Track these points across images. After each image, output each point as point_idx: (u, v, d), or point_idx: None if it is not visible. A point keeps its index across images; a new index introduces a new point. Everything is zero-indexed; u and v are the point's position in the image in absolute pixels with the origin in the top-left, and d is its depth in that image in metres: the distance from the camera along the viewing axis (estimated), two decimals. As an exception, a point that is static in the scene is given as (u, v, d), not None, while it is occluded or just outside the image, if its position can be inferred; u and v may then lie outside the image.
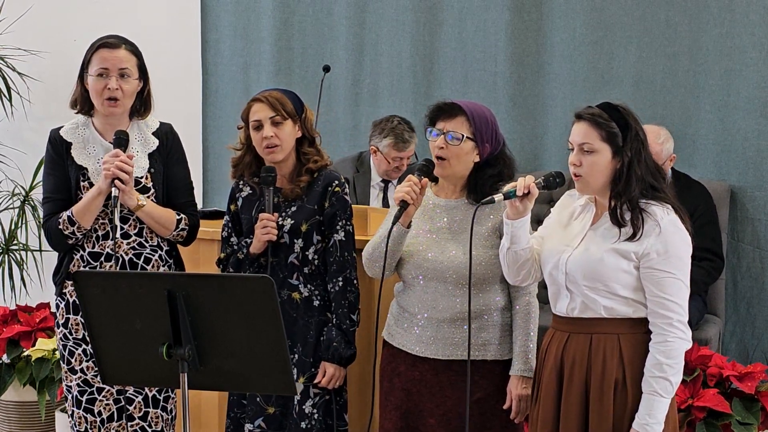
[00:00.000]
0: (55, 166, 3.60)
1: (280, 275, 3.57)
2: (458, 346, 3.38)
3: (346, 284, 3.57)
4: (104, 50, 3.53)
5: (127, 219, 3.57)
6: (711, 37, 5.20)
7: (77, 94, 3.61)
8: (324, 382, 3.55)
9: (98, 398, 3.58)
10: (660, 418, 2.97)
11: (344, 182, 3.64)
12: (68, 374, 3.62)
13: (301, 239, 3.56)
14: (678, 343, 2.98)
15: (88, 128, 3.62)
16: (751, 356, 5.12)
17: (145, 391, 3.60)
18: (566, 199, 3.25)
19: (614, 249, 3.02)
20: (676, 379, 2.99)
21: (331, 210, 3.58)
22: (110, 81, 3.50)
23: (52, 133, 3.63)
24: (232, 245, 3.67)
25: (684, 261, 3.00)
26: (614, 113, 3.04)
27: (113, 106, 3.53)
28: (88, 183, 3.56)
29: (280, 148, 3.55)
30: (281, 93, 3.60)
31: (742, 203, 5.17)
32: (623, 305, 3.03)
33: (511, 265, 3.20)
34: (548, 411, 3.14)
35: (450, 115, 3.37)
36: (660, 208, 3.01)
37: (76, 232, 3.52)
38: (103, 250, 3.56)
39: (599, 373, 3.04)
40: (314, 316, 3.58)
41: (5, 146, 6.24)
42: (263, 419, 3.58)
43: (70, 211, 3.52)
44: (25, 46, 6.04)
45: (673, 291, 2.98)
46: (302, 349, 3.58)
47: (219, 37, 6.34)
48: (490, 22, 5.66)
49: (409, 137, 5.33)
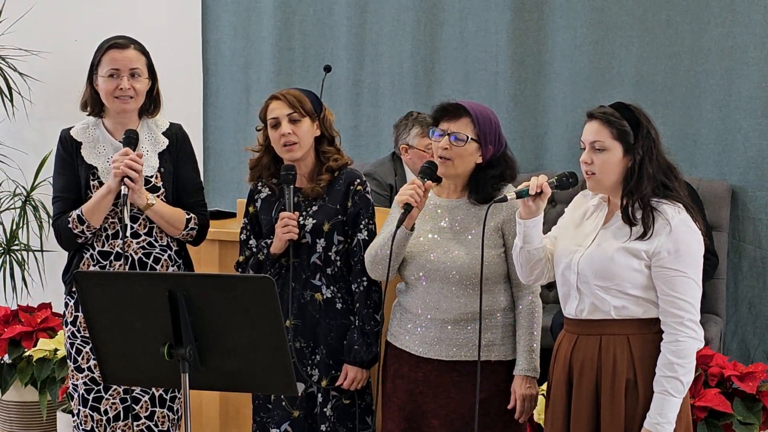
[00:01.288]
0: (65, 165, 3.61)
1: (303, 276, 3.54)
2: (462, 346, 3.37)
3: (371, 284, 3.54)
4: (114, 51, 3.55)
5: (136, 218, 3.58)
6: (712, 37, 5.19)
7: (87, 96, 3.63)
8: (346, 385, 3.54)
9: (105, 397, 3.59)
10: (671, 417, 2.97)
11: (365, 180, 3.63)
12: (74, 373, 3.63)
13: (324, 239, 3.53)
14: (689, 342, 2.98)
15: (99, 128, 3.64)
16: (753, 356, 5.11)
17: (152, 390, 3.60)
18: (579, 198, 3.26)
19: (625, 248, 3.02)
20: (688, 378, 2.98)
21: (354, 209, 3.56)
22: (122, 81, 3.52)
23: (63, 132, 3.64)
24: (251, 248, 3.64)
25: (695, 260, 3.00)
26: (626, 112, 3.05)
27: (125, 102, 3.55)
28: (98, 182, 3.58)
29: (298, 146, 3.53)
30: (300, 91, 3.59)
31: (743, 203, 5.16)
32: (634, 305, 3.03)
33: (524, 264, 3.19)
34: (559, 413, 3.14)
35: (454, 116, 3.37)
36: (671, 207, 3.02)
37: (85, 230, 3.53)
38: (112, 249, 3.58)
39: (610, 375, 3.04)
40: (336, 319, 3.56)
41: (6, 146, 6.24)
42: (289, 423, 3.55)
43: (79, 210, 3.53)
44: (26, 46, 6.04)
45: (685, 290, 2.98)
46: (325, 351, 3.56)
47: (219, 37, 6.33)
48: (491, 22, 5.66)
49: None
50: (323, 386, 3.54)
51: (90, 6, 6.27)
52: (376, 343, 3.56)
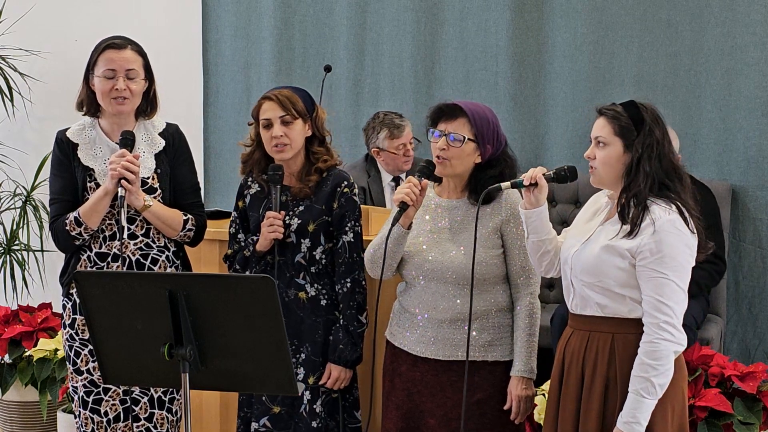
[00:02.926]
0: (62, 167, 3.59)
1: (287, 274, 3.56)
2: (459, 346, 3.37)
3: (355, 285, 3.56)
4: (111, 51, 3.52)
5: (134, 220, 3.57)
6: (712, 37, 5.20)
7: (83, 95, 3.60)
8: (329, 384, 3.55)
9: (105, 398, 3.58)
10: (641, 418, 2.95)
11: (353, 182, 3.64)
12: (74, 375, 3.62)
13: (308, 239, 3.55)
14: (663, 344, 2.95)
15: (95, 129, 3.61)
16: (753, 356, 5.11)
17: (151, 392, 3.60)
18: (596, 196, 3.28)
19: (610, 245, 3.02)
20: (661, 381, 2.96)
21: (340, 211, 3.57)
22: (118, 82, 3.50)
23: (59, 134, 3.62)
24: (240, 242, 3.67)
25: (678, 262, 2.97)
26: (632, 109, 3.06)
27: (121, 104, 3.52)
28: (95, 184, 3.57)
29: (289, 147, 3.54)
30: (292, 91, 3.59)
31: (743, 203, 5.16)
32: (617, 303, 3.03)
33: (533, 254, 3.23)
34: (551, 406, 3.17)
35: (451, 116, 3.37)
36: (662, 207, 3.00)
37: (83, 233, 3.52)
38: (110, 250, 3.56)
39: (590, 371, 3.06)
40: (322, 316, 3.58)
41: (6, 146, 6.24)
42: (268, 418, 3.58)
43: (76, 212, 3.52)
44: (26, 46, 6.04)
45: (664, 292, 2.96)
46: (311, 348, 3.57)
47: (220, 37, 6.33)
48: (491, 22, 5.66)
49: (401, 122, 5.34)
50: (310, 383, 3.55)
51: (90, 6, 6.28)
52: (360, 343, 3.57)
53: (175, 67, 6.04)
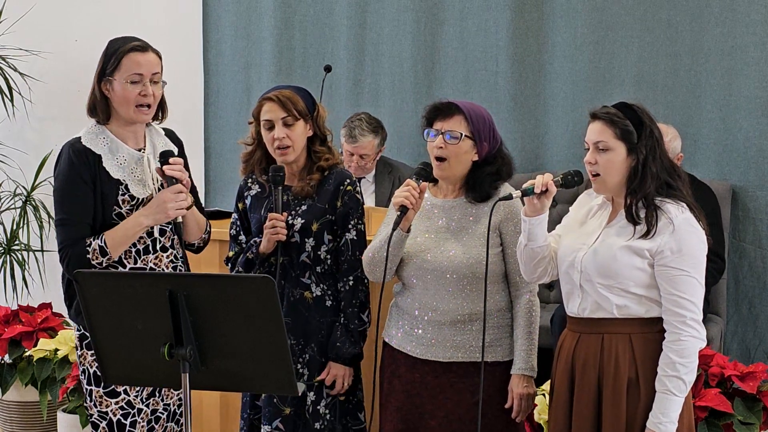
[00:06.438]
0: (79, 185, 3.25)
1: (292, 274, 3.55)
2: (458, 348, 3.37)
3: (357, 283, 3.56)
4: (137, 54, 3.27)
5: (164, 231, 3.37)
6: (712, 37, 5.20)
7: (96, 100, 3.31)
8: (328, 381, 3.55)
9: (138, 420, 3.36)
10: (673, 417, 2.97)
11: (355, 181, 3.63)
12: (104, 399, 3.32)
13: (312, 238, 3.54)
14: (691, 341, 2.98)
15: (107, 136, 3.33)
16: (753, 356, 5.12)
17: (172, 407, 3.43)
18: (584, 197, 3.27)
19: (628, 246, 3.02)
20: (690, 377, 2.99)
21: (343, 209, 3.56)
22: (146, 88, 3.26)
23: (75, 146, 3.28)
24: (241, 243, 3.66)
25: (698, 259, 3.01)
26: (628, 111, 3.06)
27: (145, 113, 3.29)
28: (129, 197, 3.30)
29: (291, 149, 3.53)
30: (293, 92, 3.56)
31: (743, 203, 5.17)
32: (636, 304, 3.04)
33: (528, 262, 3.20)
34: (561, 413, 3.15)
35: (447, 114, 3.37)
36: (675, 206, 3.02)
37: (104, 263, 3.25)
38: (146, 265, 3.33)
39: (611, 374, 3.04)
40: (327, 317, 3.57)
41: (7, 146, 6.24)
42: (281, 420, 3.55)
43: (101, 241, 3.23)
44: (26, 46, 6.04)
45: (687, 289, 2.99)
46: (316, 349, 3.56)
47: (220, 37, 6.34)
48: (491, 22, 5.66)
49: (360, 134, 5.29)
50: (315, 383, 3.54)
51: (90, 6, 6.28)
52: (360, 341, 3.57)
53: (175, 67, 6.01)
